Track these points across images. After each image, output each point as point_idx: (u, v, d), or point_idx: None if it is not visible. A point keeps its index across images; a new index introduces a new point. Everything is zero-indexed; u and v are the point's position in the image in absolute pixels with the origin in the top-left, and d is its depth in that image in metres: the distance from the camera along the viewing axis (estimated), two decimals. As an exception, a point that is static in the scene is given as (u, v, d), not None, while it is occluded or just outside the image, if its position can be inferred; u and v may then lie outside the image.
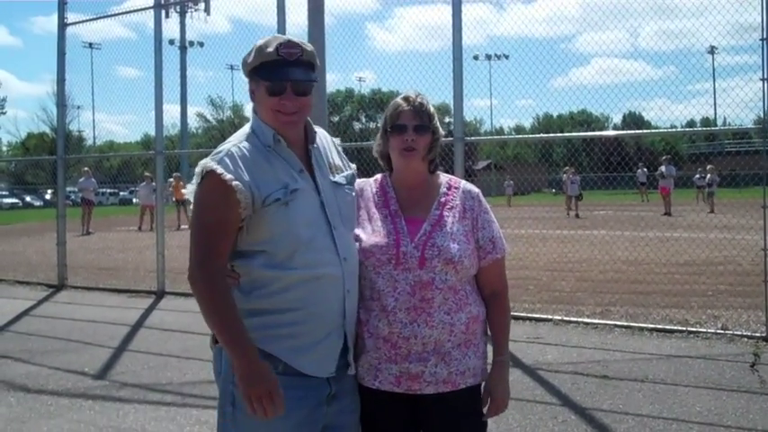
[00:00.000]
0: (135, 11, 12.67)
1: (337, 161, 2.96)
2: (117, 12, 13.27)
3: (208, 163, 2.62)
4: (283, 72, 2.68)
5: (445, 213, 2.92)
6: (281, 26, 10.43)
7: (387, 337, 2.79)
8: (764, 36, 7.79)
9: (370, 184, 3.06)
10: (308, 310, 2.67)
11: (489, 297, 3.01)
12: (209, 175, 2.61)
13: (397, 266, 2.80)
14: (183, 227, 26.35)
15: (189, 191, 2.70)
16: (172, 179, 25.27)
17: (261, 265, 2.66)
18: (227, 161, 2.62)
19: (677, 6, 9.39)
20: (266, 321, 2.66)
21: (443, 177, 3.06)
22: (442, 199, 2.97)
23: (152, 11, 12.18)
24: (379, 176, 3.09)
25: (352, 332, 2.80)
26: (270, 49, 2.68)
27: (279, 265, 2.65)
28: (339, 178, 2.89)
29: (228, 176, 2.58)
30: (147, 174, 27.36)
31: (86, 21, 13.38)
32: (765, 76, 7.81)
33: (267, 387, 2.52)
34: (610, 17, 9.64)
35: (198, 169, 2.64)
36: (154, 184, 18.62)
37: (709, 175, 28.80)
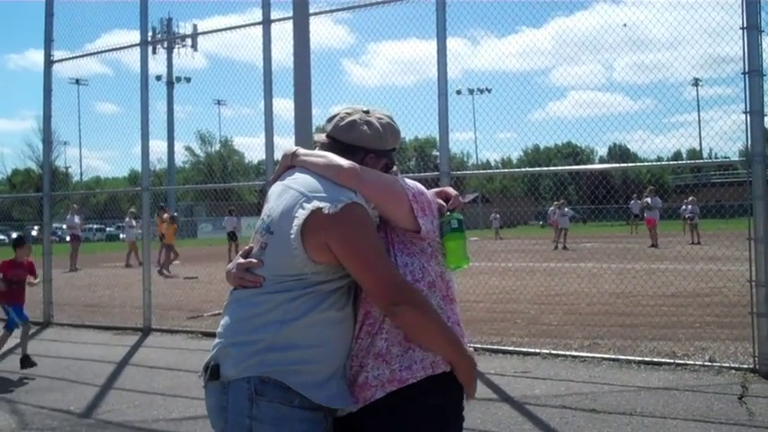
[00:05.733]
0: (121, 48, 12.69)
1: None
2: (103, 49, 13.25)
3: (352, 197, 2.69)
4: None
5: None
6: (267, 62, 10.50)
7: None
8: (746, 69, 7.87)
9: None
10: (331, 346, 2.73)
11: None
12: (359, 206, 2.70)
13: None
14: (175, 263, 26.29)
15: (311, 207, 2.68)
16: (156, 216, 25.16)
17: (311, 296, 2.72)
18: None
19: (653, 38, 9.48)
20: (287, 356, 2.68)
21: None
22: None
23: (138, 48, 12.23)
24: None
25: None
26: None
27: (324, 299, 2.73)
28: None
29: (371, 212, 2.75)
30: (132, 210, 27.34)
31: (73, 58, 13.40)
32: (748, 109, 7.89)
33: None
34: (583, 50, 9.76)
35: (341, 201, 2.66)
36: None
37: (690, 207, 28.95)
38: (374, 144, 2.90)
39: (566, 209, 30.11)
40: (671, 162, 18.62)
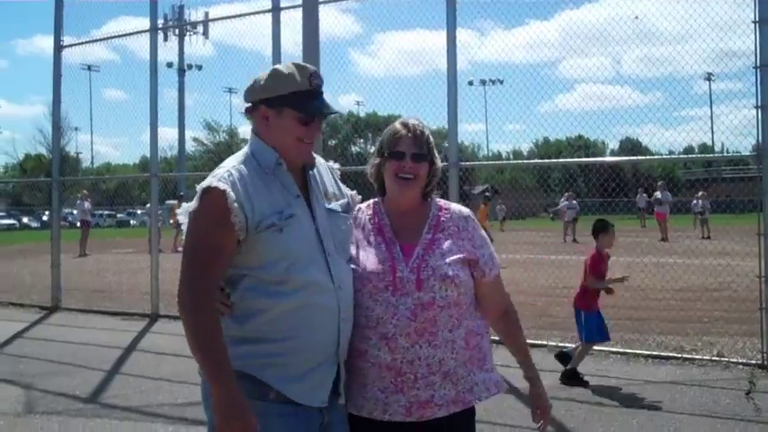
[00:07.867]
0: (132, 34, 12.68)
1: (332, 189, 2.94)
2: (113, 35, 13.24)
3: (206, 181, 2.61)
4: (316, 103, 2.75)
5: (438, 236, 2.89)
6: (276, 50, 10.47)
7: (390, 364, 2.74)
8: (757, 64, 7.82)
9: (362, 210, 3.03)
10: (301, 338, 2.64)
11: (503, 316, 3.15)
12: (207, 193, 2.58)
13: (395, 293, 2.76)
14: (179, 249, 26.37)
15: (183, 210, 2.68)
16: (175, 201, 25.31)
17: (254, 292, 2.64)
18: (226, 181, 2.59)
19: (663, 32, 9.41)
20: (258, 349, 2.64)
21: (433, 200, 3.03)
22: (433, 222, 2.94)
23: (147, 35, 12.21)
24: (371, 202, 3.05)
25: (343, 361, 2.78)
26: (300, 78, 2.72)
27: (273, 292, 2.62)
28: (335, 206, 2.87)
29: (227, 196, 2.55)
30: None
31: (83, 43, 13.40)
32: (759, 104, 7.84)
33: (243, 426, 2.49)
34: (591, 43, 9.70)
35: (198, 189, 2.62)
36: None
37: (701, 202, 28.81)
38: (257, 94, 2.76)
39: (573, 201, 29.94)
40: (681, 156, 18.53)
